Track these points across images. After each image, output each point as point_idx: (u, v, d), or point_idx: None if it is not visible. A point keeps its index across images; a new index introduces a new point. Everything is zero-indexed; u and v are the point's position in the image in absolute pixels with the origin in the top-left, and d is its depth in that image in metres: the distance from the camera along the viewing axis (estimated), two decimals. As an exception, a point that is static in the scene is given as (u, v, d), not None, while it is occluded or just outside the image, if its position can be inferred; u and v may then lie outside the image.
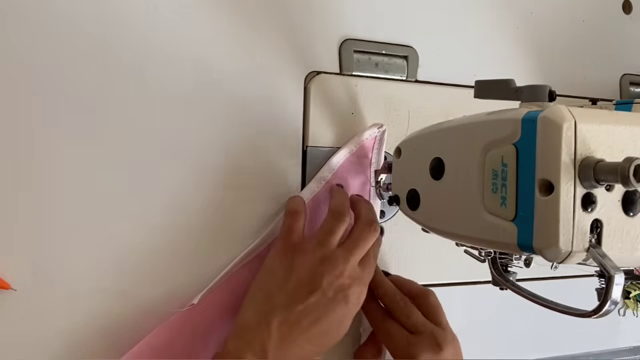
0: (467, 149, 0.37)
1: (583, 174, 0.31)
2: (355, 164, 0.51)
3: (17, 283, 0.41)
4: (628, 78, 0.68)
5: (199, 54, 0.47)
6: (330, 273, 0.42)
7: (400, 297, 0.48)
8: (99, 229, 0.43)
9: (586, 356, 0.65)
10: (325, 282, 0.42)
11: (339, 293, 0.42)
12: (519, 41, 0.61)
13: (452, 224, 0.39)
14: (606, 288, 0.31)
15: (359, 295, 0.44)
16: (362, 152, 0.52)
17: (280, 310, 0.42)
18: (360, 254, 0.44)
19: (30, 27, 0.42)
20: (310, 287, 0.42)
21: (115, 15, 0.44)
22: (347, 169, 0.51)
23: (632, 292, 0.67)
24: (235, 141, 0.48)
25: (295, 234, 0.45)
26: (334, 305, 0.42)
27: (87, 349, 0.43)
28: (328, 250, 0.44)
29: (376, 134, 0.51)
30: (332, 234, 0.45)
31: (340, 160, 0.50)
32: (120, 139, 0.44)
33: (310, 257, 0.43)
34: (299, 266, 0.43)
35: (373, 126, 0.51)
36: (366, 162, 0.52)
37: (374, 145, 0.52)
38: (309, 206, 0.48)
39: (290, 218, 0.46)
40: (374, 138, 0.51)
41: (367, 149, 0.52)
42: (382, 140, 0.52)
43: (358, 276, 0.44)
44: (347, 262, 0.43)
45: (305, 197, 0.48)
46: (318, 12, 0.51)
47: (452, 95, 0.57)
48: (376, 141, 0.52)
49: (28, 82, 0.42)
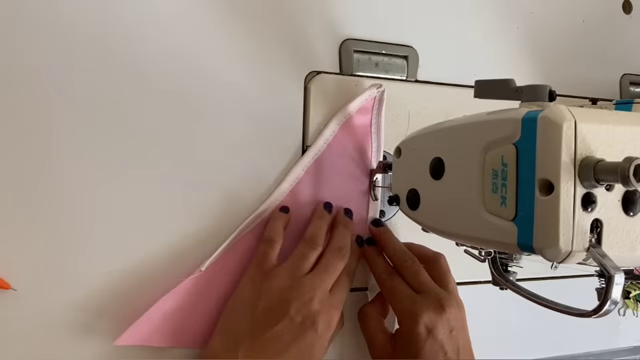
0: (467, 149, 0.37)
1: (583, 174, 0.31)
2: (354, 129, 0.50)
3: (17, 283, 0.41)
4: (628, 78, 0.68)
5: (198, 54, 0.47)
6: (298, 299, 0.42)
7: (409, 256, 0.48)
8: (99, 228, 0.43)
9: (586, 356, 0.65)
10: (293, 309, 0.42)
11: (307, 320, 0.42)
12: (519, 41, 0.61)
13: (452, 223, 0.39)
14: (606, 288, 0.31)
15: (329, 321, 0.43)
16: (361, 116, 0.51)
17: (246, 338, 0.41)
18: (330, 280, 0.45)
19: (31, 28, 0.42)
20: (277, 313, 0.42)
21: (115, 16, 0.44)
22: (344, 138, 0.50)
23: (632, 292, 0.67)
24: (236, 141, 0.48)
25: (268, 261, 0.45)
26: (302, 332, 0.42)
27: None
28: (297, 276, 0.44)
29: (375, 95, 0.50)
30: (303, 260, 0.45)
31: (336, 129, 0.50)
32: (119, 138, 0.44)
33: (280, 283, 0.43)
34: (268, 292, 0.43)
35: (372, 87, 0.50)
36: (366, 125, 0.51)
37: (373, 106, 0.51)
38: (295, 192, 0.49)
39: (266, 245, 0.46)
40: (373, 99, 0.50)
41: (367, 111, 0.51)
42: (382, 101, 0.51)
43: (328, 302, 0.44)
44: (316, 289, 0.43)
45: (289, 182, 0.49)
46: (318, 12, 0.51)
47: (452, 95, 0.57)
48: (375, 102, 0.51)
49: (29, 84, 0.42)
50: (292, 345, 0.41)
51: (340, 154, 0.50)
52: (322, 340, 0.43)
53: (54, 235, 0.42)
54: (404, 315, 0.46)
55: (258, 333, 0.42)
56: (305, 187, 0.49)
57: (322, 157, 0.50)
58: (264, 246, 0.46)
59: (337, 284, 0.45)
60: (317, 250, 0.46)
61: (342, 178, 0.51)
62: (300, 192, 0.49)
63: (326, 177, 0.50)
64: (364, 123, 0.51)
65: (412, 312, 0.45)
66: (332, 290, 0.45)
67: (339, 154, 0.50)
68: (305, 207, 0.50)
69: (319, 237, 0.47)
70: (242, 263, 0.47)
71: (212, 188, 0.47)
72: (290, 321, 0.42)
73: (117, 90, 0.44)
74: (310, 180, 0.49)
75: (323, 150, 0.50)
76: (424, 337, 0.44)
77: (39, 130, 0.42)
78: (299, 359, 0.41)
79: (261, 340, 0.41)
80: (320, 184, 0.50)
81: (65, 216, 0.42)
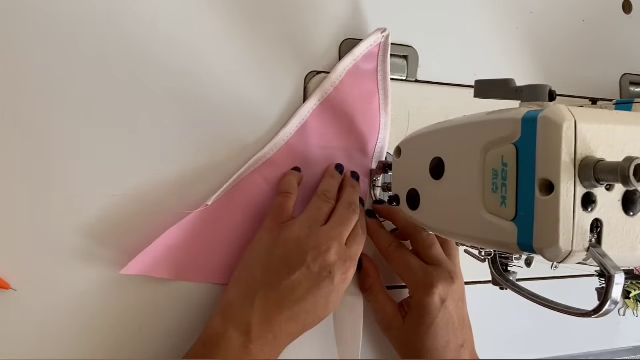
0: (467, 149, 0.37)
1: (583, 174, 0.31)
2: (360, 75, 0.50)
3: (17, 283, 0.41)
4: (628, 78, 0.68)
5: (198, 55, 0.47)
6: (315, 249, 0.42)
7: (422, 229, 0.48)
8: (99, 228, 0.43)
9: (586, 356, 0.65)
10: (310, 257, 0.42)
11: (324, 270, 0.42)
12: (519, 41, 0.61)
13: (452, 223, 0.39)
14: (606, 288, 0.31)
15: (345, 272, 0.43)
16: (367, 61, 0.50)
17: (263, 286, 0.42)
18: (346, 232, 0.45)
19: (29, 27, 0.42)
20: (295, 263, 0.42)
21: (114, 17, 0.44)
22: (351, 83, 0.50)
23: (632, 292, 0.67)
24: (236, 141, 0.48)
25: (285, 212, 0.45)
26: (319, 282, 0.42)
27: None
28: (314, 227, 0.44)
29: (380, 40, 0.50)
30: (318, 211, 0.45)
31: (342, 73, 0.50)
32: (119, 138, 0.44)
33: (297, 232, 0.43)
34: (285, 242, 0.43)
35: (376, 31, 0.50)
36: (372, 71, 0.51)
37: (378, 53, 0.50)
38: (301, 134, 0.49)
39: (282, 197, 0.46)
40: (378, 45, 0.50)
41: (372, 57, 0.50)
42: (387, 46, 0.50)
43: (345, 253, 0.44)
44: (332, 239, 0.43)
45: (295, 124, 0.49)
46: (318, 12, 0.51)
47: (452, 95, 0.57)
48: (381, 48, 0.50)
49: (29, 83, 0.42)
50: (308, 294, 0.42)
51: (347, 100, 0.50)
52: (337, 291, 0.43)
53: (54, 235, 0.42)
54: (418, 286, 0.47)
55: (275, 282, 0.42)
56: (311, 130, 0.49)
57: (328, 100, 0.49)
58: (280, 198, 0.46)
59: (353, 237, 0.46)
60: (330, 204, 0.46)
61: (348, 124, 0.51)
62: (306, 133, 0.49)
63: (332, 122, 0.50)
64: (370, 70, 0.50)
65: (427, 284, 0.46)
66: (348, 243, 0.45)
67: (346, 99, 0.50)
68: (312, 151, 0.49)
69: (331, 192, 0.47)
70: (248, 201, 0.47)
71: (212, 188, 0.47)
72: (307, 270, 0.42)
73: (115, 94, 0.44)
74: (316, 124, 0.49)
75: (330, 93, 0.49)
76: (437, 307, 0.46)
77: (39, 129, 0.42)
78: (315, 308, 0.42)
79: (278, 289, 0.41)
80: (326, 128, 0.50)
81: (66, 216, 0.42)
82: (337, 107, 0.50)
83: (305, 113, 0.49)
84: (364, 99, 0.51)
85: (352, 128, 0.51)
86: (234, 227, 0.46)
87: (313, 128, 0.49)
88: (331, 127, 0.50)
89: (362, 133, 0.51)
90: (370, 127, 0.51)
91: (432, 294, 0.46)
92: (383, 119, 0.51)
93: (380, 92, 0.51)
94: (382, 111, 0.51)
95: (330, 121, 0.50)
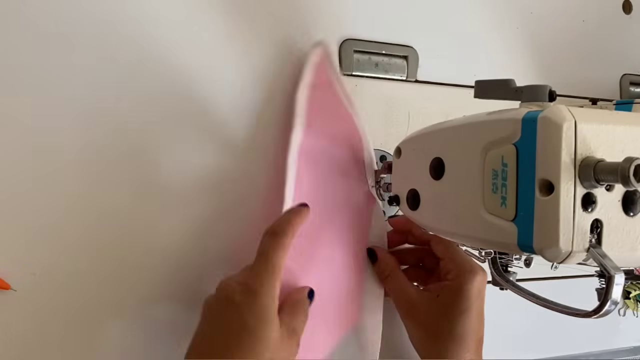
0: (467, 149, 0.37)
1: (583, 174, 0.31)
2: (320, 95, 0.49)
3: (17, 283, 0.41)
4: (628, 78, 0.68)
5: (198, 55, 0.47)
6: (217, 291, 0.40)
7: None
8: (99, 228, 0.43)
9: (586, 356, 0.65)
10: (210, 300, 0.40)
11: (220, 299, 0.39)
12: (519, 41, 0.61)
13: (452, 223, 0.39)
14: (606, 288, 0.31)
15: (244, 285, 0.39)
16: (321, 78, 0.49)
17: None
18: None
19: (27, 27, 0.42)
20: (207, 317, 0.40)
21: (114, 19, 0.44)
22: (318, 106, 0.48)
23: (632, 292, 0.67)
24: (236, 141, 0.48)
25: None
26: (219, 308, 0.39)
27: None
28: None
29: (319, 53, 0.48)
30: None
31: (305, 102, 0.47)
32: (119, 140, 0.44)
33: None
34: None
35: (313, 49, 0.48)
36: (327, 83, 0.49)
37: (323, 64, 0.49)
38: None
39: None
40: (319, 57, 0.48)
41: (323, 72, 0.49)
42: (328, 53, 0.48)
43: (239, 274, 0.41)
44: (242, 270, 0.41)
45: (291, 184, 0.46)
46: (318, 12, 0.51)
47: (452, 95, 0.57)
48: (323, 59, 0.49)
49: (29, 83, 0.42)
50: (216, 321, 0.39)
51: (323, 123, 0.49)
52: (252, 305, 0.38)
53: (54, 235, 0.42)
54: (462, 270, 0.46)
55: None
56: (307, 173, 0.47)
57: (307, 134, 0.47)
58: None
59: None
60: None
61: (335, 145, 0.49)
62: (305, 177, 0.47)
63: (321, 152, 0.48)
64: (325, 82, 0.49)
65: (473, 270, 0.46)
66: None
67: (321, 124, 0.49)
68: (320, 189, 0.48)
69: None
70: None
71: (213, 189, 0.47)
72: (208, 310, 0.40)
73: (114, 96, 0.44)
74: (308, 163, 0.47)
75: (304, 127, 0.47)
76: (475, 295, 0.46)
77: (39, 130, 0.42)
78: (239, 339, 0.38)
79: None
80: (319, 164, 0.48)
81: (66, 216, 0.42)
82: (318, 135, 0.48)
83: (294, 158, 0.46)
84: (334, 113, 0.50)
85: (339, 145, 0.50)
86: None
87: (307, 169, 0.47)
88: (324, 158, 0.49)
89: (349, 144, 0.50)
90: (351, 135, 0.50)
91: (474, 280, 0.46)
92: (356, 121, 0.50)
93: (343, 98, 0.50)
94: (352, 113, 0.50)
95: (320, 152, 0.49)
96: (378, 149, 0.53)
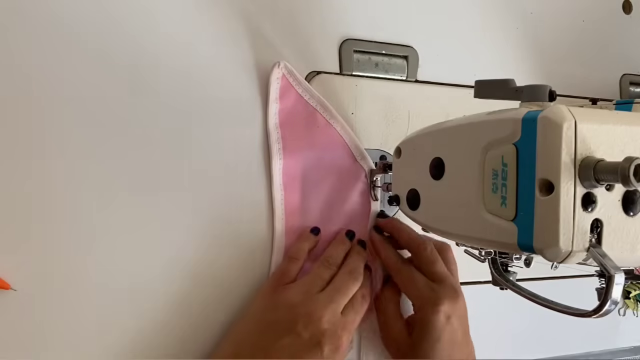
0: (467, 149, 0.37)
1: (583, 174, 0.31)
2: (292, 112, 0.49)
3: (17, 283, 0.41)
4: (628, 78, 0.68)
5: (197, 55, 0.47)
6: (307, 316, 0.42)
7: (428, 244, 0.48)
8: (99, 228, 0.43)
9: (586, 356, 0.65)
10: (300, 324, 0.41)
11: (314, 337, 0.41)
12: (519, 41, 0.61)
13: (452, 223, 0.39)
14: (606, 288, 0.31)
15: (336, 342, 0.42)
16: (286, 96, 0.49)
17: (251, 348, 0.41)
18: (342, 300, 0.44)
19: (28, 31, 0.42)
20: (284, 328, 0.42)
21: (113, 21, 0.44)
22: (291, 124, 0.49)
23: (632, 292, 0.67)
24: (236, 141, 0.48)
25: (287, 276, 0.46)
26: (306, 350, 0.41)
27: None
28: (310, 293, 0.44)
29: (283, 72, 0.49)
30: (316, 278, 0.45)
31: (277, 122, 0.49)
32: (122, 144, 0.44)
33: (290, 298, 0.43)
34: (278, 306, 0.43)
35: (273, 69, 0.48)
36: (296, 98, 0.49)
37: (288, 80, 0.49)
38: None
39: (287, 262, 0.47)
40: (282, 77, 0.49)
41: (287, 88, 0.49)
42: (290, 70, 0.49)
43: (339, 322, 0.43)
44: (325, 307, 0.43)
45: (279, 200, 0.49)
46: (318, 12, 0.51)
47: (452, 95, 0.57)
48: (287, 76, 0.49)
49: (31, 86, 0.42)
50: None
51: (300, 139, 0.49)
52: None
53: (54, 235, 0.42)
54: (424, 303, 0.46)
55: (263, 345, 0.41)
56: (293, 191, 0.49)
57: (286, 154, 0.49)
58: (285, 263, 0.47)
59: (351, 305, 0.45)
60: (332, 270, 0.46)
61: (318, 156, 0.50)
62: (291, 196, 0.49)
63: (305, 168, 0.50)
64: (294, 99, 0.49)
65: (432, 301, 0.46)
66: (344, 311, 0.44)
67: (298, 140, 0.49)
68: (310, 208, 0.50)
69: (335, 257, 0.47)
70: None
71: (211, 191, 0.47)
72: (296, 337, 0.41)
73: (116, 101, 0.44)
74: (292, 180, 0.49)
75: (282, 146, 0.49)
76: (443, 324, 0.45)
77: (39, 130, 0.42)
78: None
79: (265, 353, 0.41)
80: (305, 177, 0.50)
81: (66, 216, 0.42)
82: (297, 151, 0.49)
83: (278, 182, 0.48)
84: (310, 125, 0.50)
85: (322, 156, 0.50)
86: None
87: (292, 186, 0.49)
88: (310, 173, 0.50)
89: (332, 151, 0.51)
90: (333, 142, 0.51)
91: (438, 311, 0.45)
92: (337, 127, 0.51)
93: (317, 107, 0.50)
94: (332, 121, 0.51)
95: (302, 169, 0.49)
96: (378, 149, 0.54)
